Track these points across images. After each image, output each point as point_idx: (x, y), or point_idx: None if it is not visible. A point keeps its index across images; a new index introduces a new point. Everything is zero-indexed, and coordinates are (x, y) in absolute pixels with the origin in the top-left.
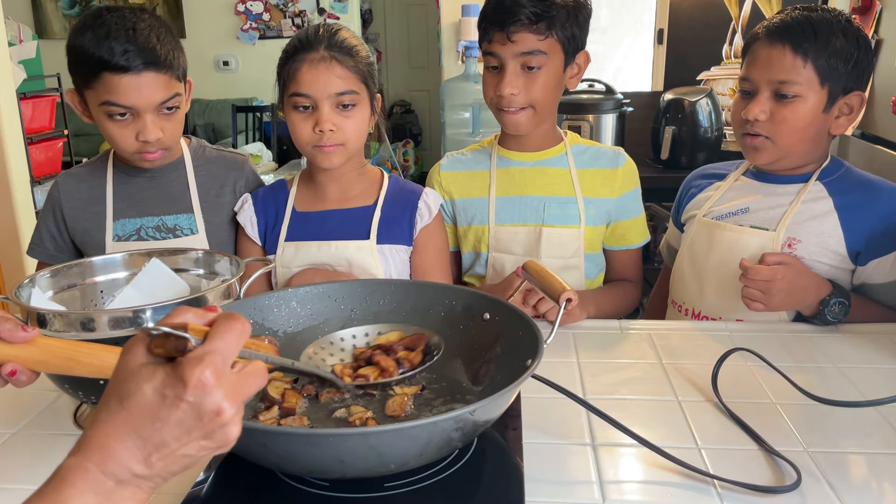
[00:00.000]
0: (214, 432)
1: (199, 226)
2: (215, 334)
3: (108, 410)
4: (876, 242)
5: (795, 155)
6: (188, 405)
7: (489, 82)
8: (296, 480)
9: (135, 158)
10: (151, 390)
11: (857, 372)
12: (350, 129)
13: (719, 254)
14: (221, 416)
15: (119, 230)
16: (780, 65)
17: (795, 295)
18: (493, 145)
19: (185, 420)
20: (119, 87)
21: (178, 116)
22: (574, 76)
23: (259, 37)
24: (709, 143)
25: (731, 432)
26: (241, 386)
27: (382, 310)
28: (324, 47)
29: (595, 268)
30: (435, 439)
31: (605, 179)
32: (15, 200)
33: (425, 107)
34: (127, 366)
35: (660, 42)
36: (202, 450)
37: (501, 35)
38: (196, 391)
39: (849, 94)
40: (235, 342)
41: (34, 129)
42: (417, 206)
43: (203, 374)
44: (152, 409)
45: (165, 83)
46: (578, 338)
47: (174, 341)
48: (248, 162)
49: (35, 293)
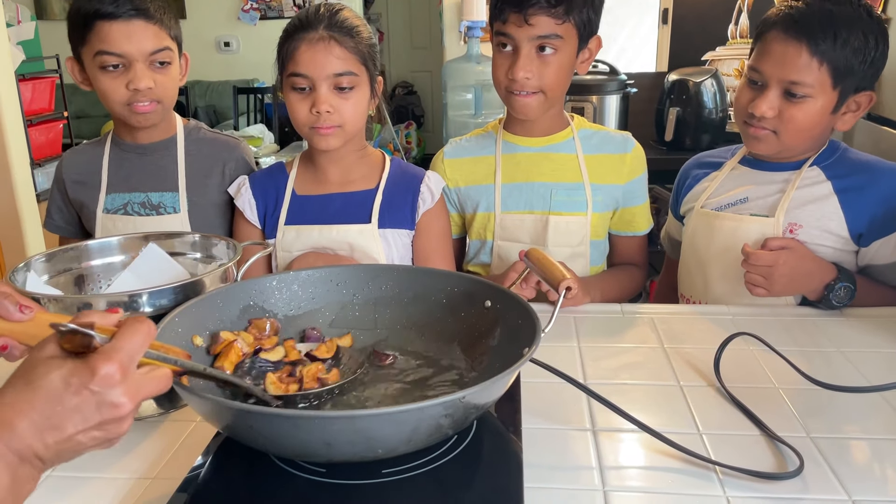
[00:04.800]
0: (108, 424)
1: (181, 205)
2: (123, 334)
3: (15, 391)
4: (878, 223)
5: (797, 149)
6: (90, 394)
7: (500, 64)
8: (292, 466)
9: (126, 113)
10: (59, 377)
11: (862, 356)
12: (348, 111)
13: (720, 243)
14: (119, 409)
15: (109, 204)
16: (794, 64)
17: (799, 279)
18: (498, 130)
19: (85, 408)
20: (110, 35)
21: (170, 73)
22: (585, 61)
23: (260, 17)
24: (713, 124)
25: (732, 418)
26: (142, 386)
27: (384, 295)
28: (323, 27)
29: (599, 254)
30: (423, 425)
31: (613, 165)
32: (15, 182)
33: (428, 88)
34: (37, 355)
35: (664, 22)
36: (93, 440)
37: (518, 17)
38: (101, 382)
39: (859, 93)
40: (141, 343)
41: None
42: (420, 190)
43: (111, 367)
44: (57, 393)
45: (155, 34)
46: (580, 322)
47: (81, 338)
48: (241, 145)
49: (30, 277)
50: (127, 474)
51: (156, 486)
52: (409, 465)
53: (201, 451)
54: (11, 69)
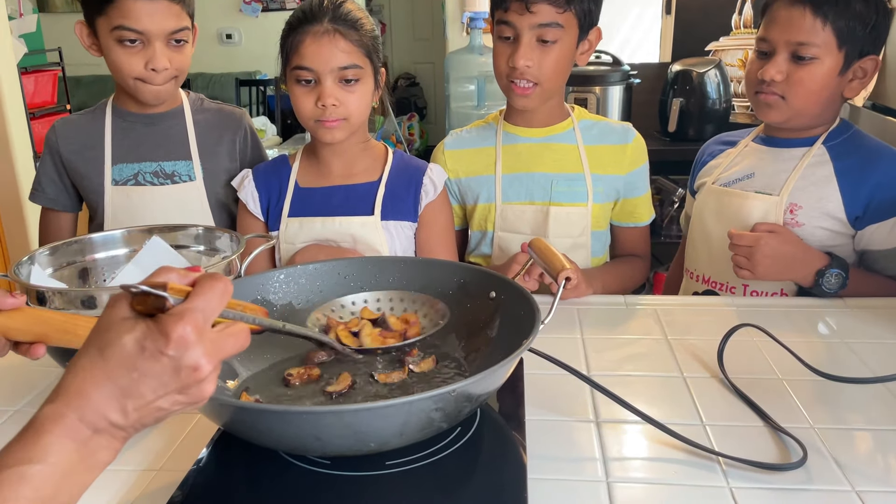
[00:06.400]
0: (190, 388)
1: (196, 172)
2: (197, 293)
3: (88, 358)
4: (874, 208)
5: (807, 116)
6: (168, 359)
7: (501, 53)
8: (297, 458)
9: (137, 86)
10: (132, 341)
11: (866, 347)
12: (353, 103)
13: (725, 219)
14: (199, 371)
15: (117, 175)
16: (800, 26)
17: (783, 263)
18: (499, 121)
19: (163, 373)
20: (133, 11)
21: (185, 51)
22: (585, 52)
23: (262, 9)
24: (717, 114)
25: (736, 409)
26: (220, 345)
27: (391, 286)
28: (328, 20)
29: (601, 245)
30: (413, 419)
31: (614, 156)
32: (18, 175)
33: (430, 80)
34: (109, 318)
35: (668, 12)
36: (176, 404)
37: (520, 5)
38: (177, 346)
39: (864, 57)
40: (217, 301)
41: (36, 104)
42: (422, 182)
43: (185, 329)
44: (131, 359)
45: (178, 13)
46: (583, 313)
47: (154, 300)
48: (245, 115)
49: (35, 270)
50: (132, 466)
51: (161, 477)
52: (412, 456)
53: (206, 443)
54: (14, 62)
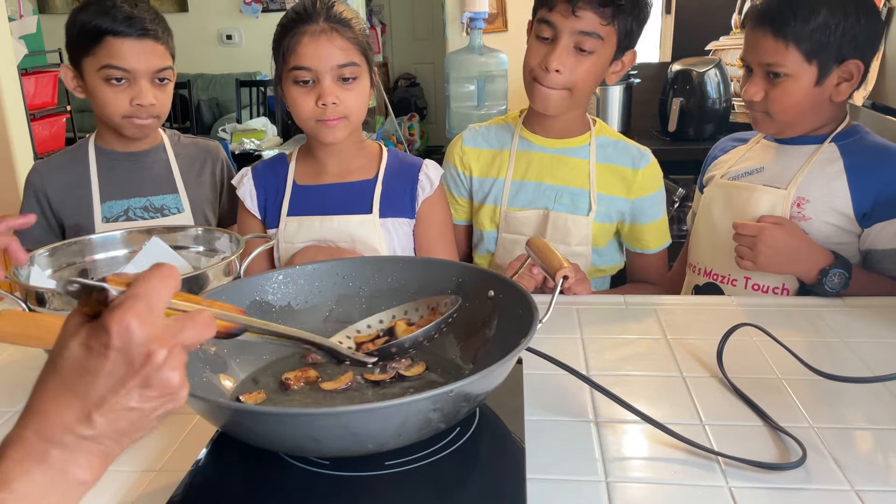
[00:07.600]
0: (151, 378)
1: (184, 205)
2: (137, 280)
3: (45, 374)
4: (882, 206)
5: (797, 125)
6: (115, 352)
7: (536, 51)
8: (296, 458)
9: (124, 124)
10: (77, 345)
11: (865, 346)
12: (352, 101)
13: (732, 211)
14: (152, 359)
15: (107, 212)
16: (765, 48)
17: (785, 255)
18: (518, 123)
19: (115, 369)
20: (121, 51)
21: (168, 90)
22: (616, 72)
23: (262, 10)
24: (717, 114)
25: (735, 409)
26: (175, 330)
27: (390, 286)
28: (323, 19)
29: (601, 260)
30: (411, 420)
31: (622, 179)
32: (18, 177)
33: (430, 80)
34: (62, 332)
35: (668, 11)
36: (146, 400)
37: (566, 7)
38: (119, 336)
39: (844, 62)
40: (160, 285)
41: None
42: (418, 179)
43: (124, 317)
44: (80, 362)
45: (162, 53)
46: (582, 313)
47: (96, 295)
48: (220, 147)
49: (34, 271)
50: (131, 466)
51: (160, 478)
52: (412, 456)
53: (206, 443)
54: (14, 63)
